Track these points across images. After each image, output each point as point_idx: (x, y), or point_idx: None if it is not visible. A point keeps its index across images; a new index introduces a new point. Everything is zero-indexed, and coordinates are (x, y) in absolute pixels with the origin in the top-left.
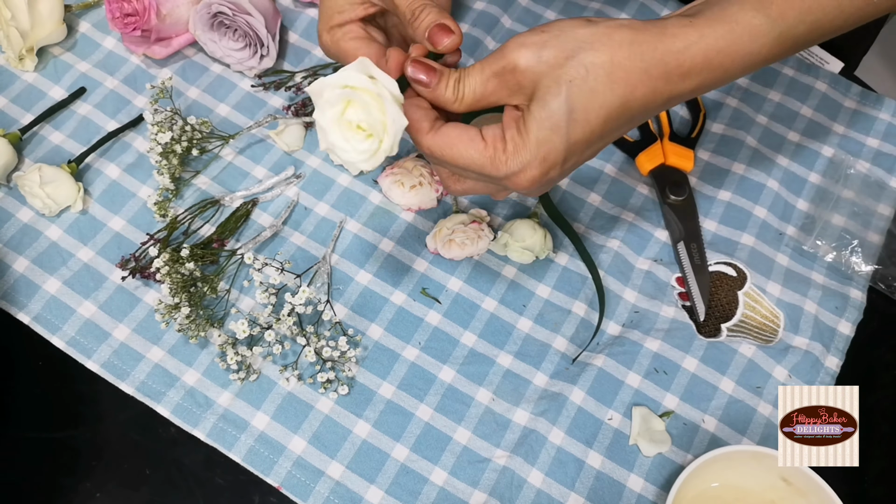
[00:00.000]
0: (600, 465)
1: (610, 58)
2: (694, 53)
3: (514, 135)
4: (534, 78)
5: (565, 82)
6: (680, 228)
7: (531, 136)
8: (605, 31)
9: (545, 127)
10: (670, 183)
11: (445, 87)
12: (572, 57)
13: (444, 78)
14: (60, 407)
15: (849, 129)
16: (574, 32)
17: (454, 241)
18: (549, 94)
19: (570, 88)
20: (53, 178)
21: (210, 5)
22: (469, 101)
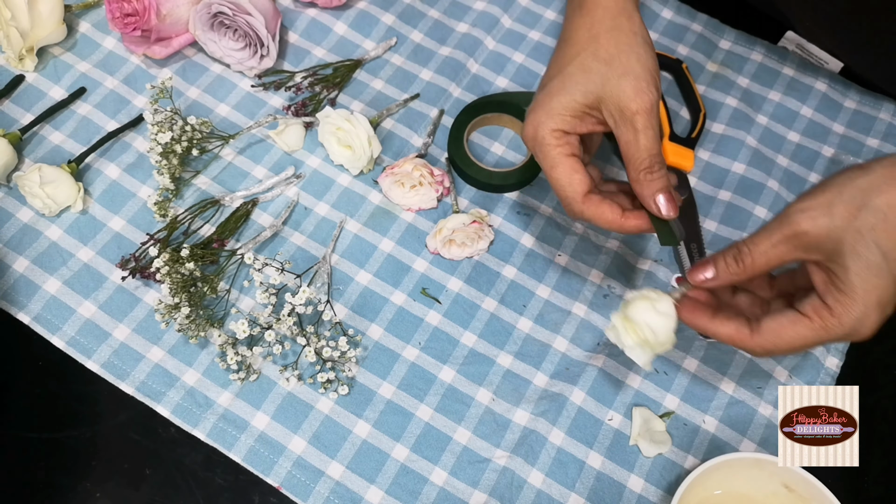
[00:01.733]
0: (601, 465)
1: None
2: None
3: (836, 296)
4: (832, 236)
5: (868, 231)
6: (680, 229)
7: (857, 290)
8: (883, 173)
9: (868, 276)
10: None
11: (727, 267)
12: (864, 206)
13: (721, 262)
14: (60, 407)
15: (849, 129)
16: (855, 184)
17: (454, 241)
18: (859, 245)
19: (875, 234)
20: (53, 178)
21: (210, 5)
22: (758, 268)
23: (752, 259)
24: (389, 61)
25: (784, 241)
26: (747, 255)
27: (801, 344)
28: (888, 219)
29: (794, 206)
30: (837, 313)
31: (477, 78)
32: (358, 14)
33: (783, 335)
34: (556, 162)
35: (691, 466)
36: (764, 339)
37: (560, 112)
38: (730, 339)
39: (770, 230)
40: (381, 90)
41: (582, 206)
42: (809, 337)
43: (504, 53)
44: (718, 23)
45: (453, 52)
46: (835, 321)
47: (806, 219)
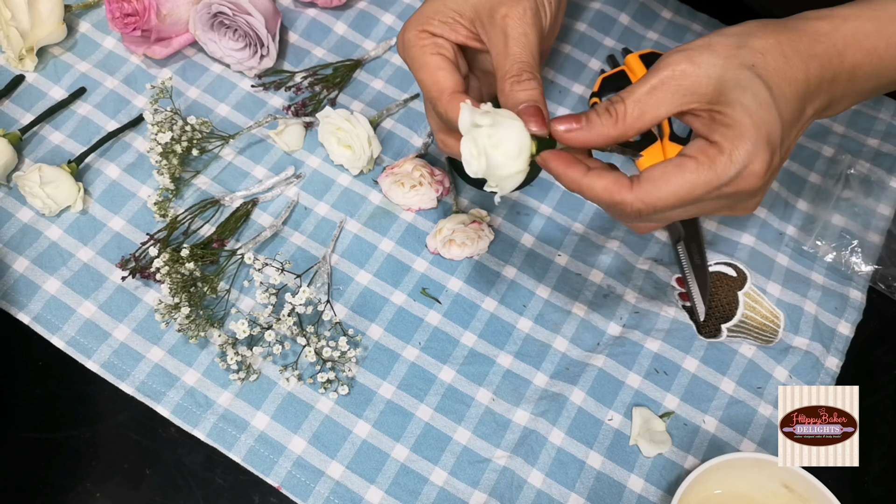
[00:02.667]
0: (601, 465)
1: (775, 41)
2: (843, 33)
3: (723, 132)
4: (712, 74)
5: (748, 67)
6: (680, 228)
7: (745, 122)
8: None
9: (755, 108)
10: None
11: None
12: (742, 46)
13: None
14: (60, 407)
15: (848, 128)
16: (730, 30)
17: (454, 241)
18: (742, 79)
19: (756, 70)
20: (53, 178)
21: (210, 5)
22: (632, 119)
23: (625, 108)
24: (389, 61)
25: (661, 85)
26: (620, 103)
27: (687, 193)
28: (766, 59)
29: (670, 55)
30: (726, 148)
31: None
32: (358, 14)
33: (668, 183)
34: (421, 62)
35: (691, 466)
36: (644, 192)
37: (428, 15)
38: (605, 193)
39: (646, 76)
40: (381, 90)
41: (447, 106)
42: (698, 182)
43: None
44: (718, 23)
45: None
46: (724, 158)
47: (684, 58)
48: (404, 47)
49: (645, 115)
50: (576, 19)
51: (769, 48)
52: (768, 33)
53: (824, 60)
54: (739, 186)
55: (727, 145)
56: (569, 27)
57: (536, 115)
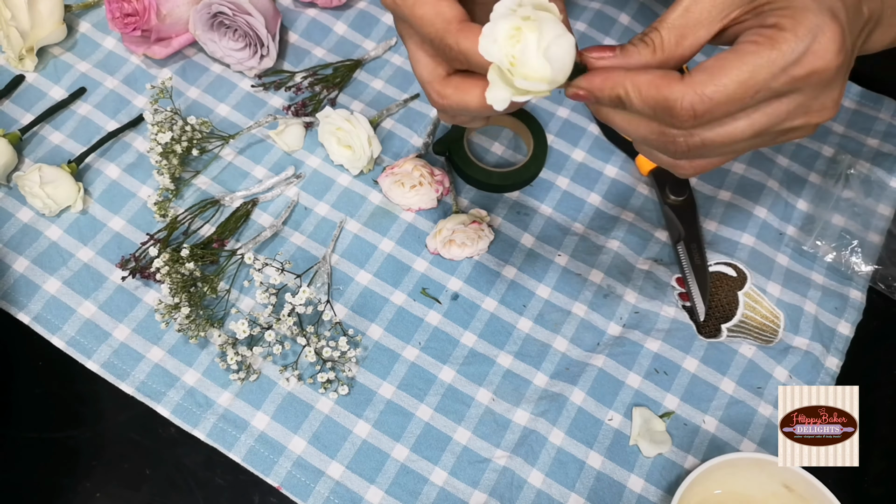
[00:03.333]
0: (601, 465)
1: None
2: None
3: (780, 13)
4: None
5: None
6: (680, 228)
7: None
8: None
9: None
10: (670, 183)
11: (635, 47)
12: None
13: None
14: (60, 407)
15: (849, 129)
16: None
17: (454, 241)
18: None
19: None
20: (53, 178)
21: (210, 5)
22: (670, 47)
23: (661, 36)
24: (390, 61)
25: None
26: (654, 31)
27: (751, 78)
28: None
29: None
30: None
31: None
32: (358, 14)
33: (726, 71)
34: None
35: (691, 466)
36: (699, 82)
37: None
38: (652, 88)
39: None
40: (382, 90)
41: (458, 37)
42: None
43: None
44: None
45: None
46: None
47: None
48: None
49: (684, 41)
50: (576, 19)
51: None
52: None
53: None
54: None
55: (788, 22)
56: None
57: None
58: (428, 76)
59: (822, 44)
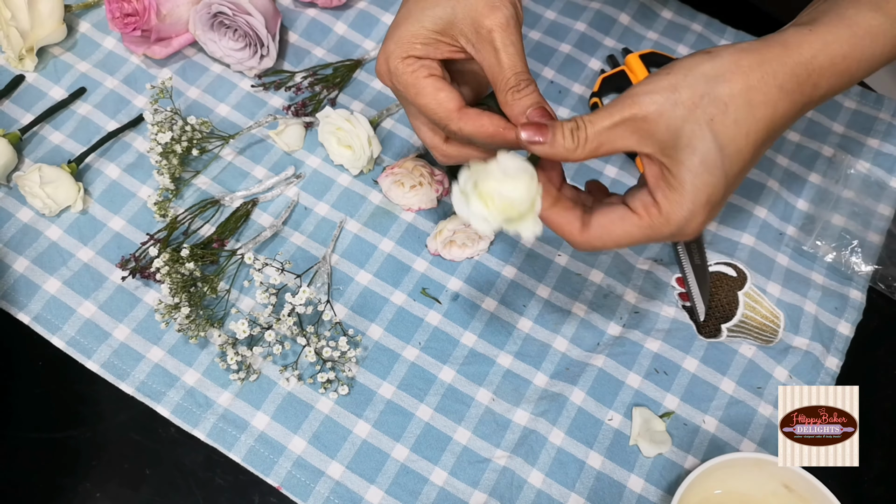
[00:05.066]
0: (600, 465)
1: (744, 85)
2: (821, 62)
3: (665, 193)
4: (671, 124)
5: (706, 122)
6: None
7: (687, 186)
8: (730, 59)
9: (700, 172)
10: None
11: (563, 138)
12: (707, 94)
13: (559, 130)
14: (60, 407)
15: (849, 129)
16: (700, 69)
17: (455, 242)
18: (695, 138)
19: (713, 126)
20: (54, 178)
21: (210, 5)
22: (591, 147)
23: (586, 136)
24: None
25: (623, 123)
26: (583, 129)
27: (627, 241)
28: (728, 110)
29: (639, 87)
30: (665, 211)
31: None
32: (358, 14)
33: (611, 231)
34: (417, 87)
35: (691, 466)
36: (591, 236)
37: (409, 40)
38: (560, 231)
39: (612, 109)
40: (382, 90)
41: (459, 123)
42: (636, 234)
43: None
44: (719, 23)
45: None
46: (662, 219)
47: (649, 102)
48: (393, 76)
49: (602, 147)
50: (576, 19)
51: (735, 95)
52: (739, 75)
53: (796, 96)
54: (675, 238)
55: (666, 207)
56: (569, 27)
57: (544, 115)
58: (431, 142)
59: (688, 228)
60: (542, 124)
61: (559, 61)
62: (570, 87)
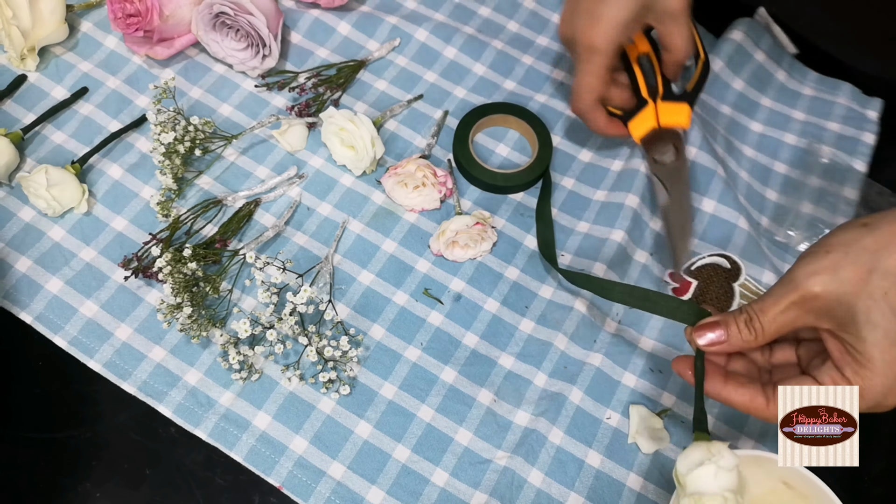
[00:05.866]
0: (600, 464)
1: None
2: None
3: (855, 369)
4: (843, 301)
5: (881, 296)
6: (667, 191)
7: (877, 363)
8: (889, 231)
9: (887, 347)
10: (660, 143)
11: (739, 332)
12: (874, 270)
13: (733, 324)
14: (61, 407)
15: (809, 115)
16: (860, 244)
17: (458, 242)
18: (873, 313)
19: (889, 300)
20: (60, 180)
21: (212, 6)
22: (770, 334)
23: (761, 326)
24: (394, 62)
25: (794, 307)
26: (756, 320)
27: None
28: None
29: (800, 270)
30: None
31: (483, 80)
32: (361, 15)
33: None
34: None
35: None
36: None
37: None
38: (744, 408)
39: (777, 295)
40: (385, 91)
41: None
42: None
43: (512, 55)
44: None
45: (458, 55)
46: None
47: (815, 283)
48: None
49: (781, 331)
50: None
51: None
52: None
53: None
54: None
55: (860, 384)
56: None
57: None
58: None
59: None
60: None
61: (568, 62)
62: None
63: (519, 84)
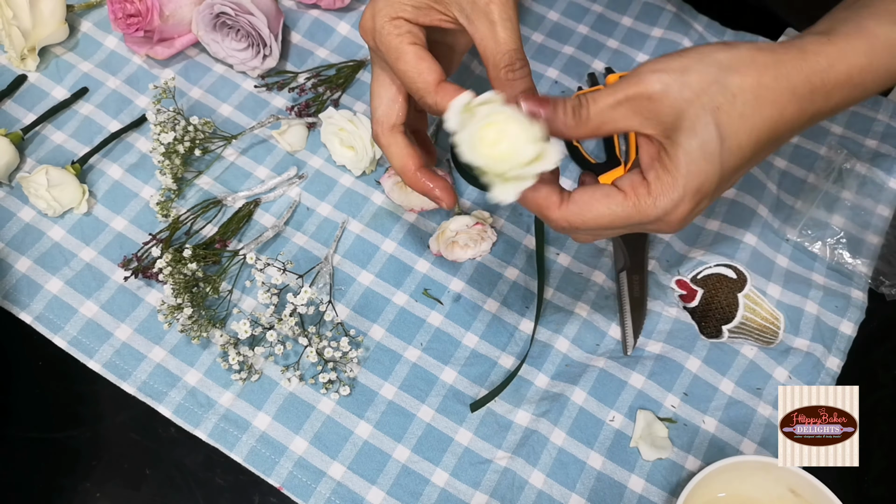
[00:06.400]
0: (601, 466)
1: (757, 80)
2: (838, 72)
3: (658, 174)
4: (676, 106)
5: (712, 109)
6: (626, 257)
7: (681, 170)
8: (747, 53)
9: (697, 158)
10: None
11: (564, 114)
12: (717, 82)
13: (560, 105)
14: (61, 407)
15: (847, 129)
16: (715, 56)
17: (457, 243)
18: (699, 123)
19: (718, 115)
20: (60, 180)
21: (212, 6)
22: (593, 126)
23: (587, 113)
24: None
25: (627, 102)
26: (585, 107)
27: (608, 221)
28: (736, 102)
29: (647, 66)
30: (654, 192)
31: (481, 79)
32: (361, 15)
33: (592, 208)
34: (400, 51)
35: (692, 467)
36: (569, 211)
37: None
38: (536, 205)
39: (616, 88)
40: None
41: (436, 97)
42: (618, 213)
43: None
44: (719, 25)
45: None
46: (649, 200)
47: (656, 81)
48: (377, 35)
49: (604, 126)
50: (578, 21)
51: (745, 90)
52: (753, 70)
53: (806, 104)
54: (658, 227)
55: (656, 188)
56: (572, 29)
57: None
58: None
59: (673, 216)
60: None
61: (563, 62)
62: (573, 88)
63: None
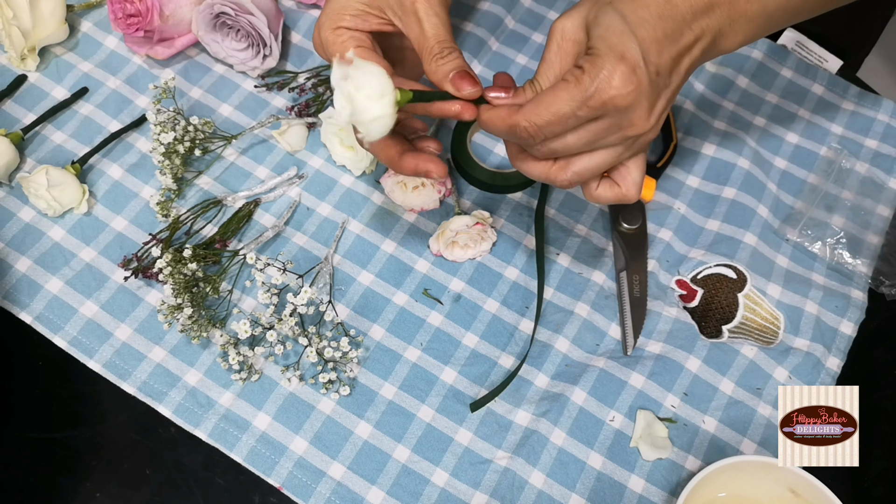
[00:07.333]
0: (601, 465)
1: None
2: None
3: (586, 58)
4: (578, 22)
5: (607, 4)
6: (626, 257)
7: (601, 49)
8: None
9: (609, 35)
10: (624, 211)
11: (523, 92)
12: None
13: (520, 89)
14: (61, 407)
15: (847, 129)
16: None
17: (457, 242)
18: (600, 16)
19: (614, 4)
20: (61, 181)
21: (212, 6)
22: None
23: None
24: None
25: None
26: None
27: (564, 108)
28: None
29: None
30: (588, 70)
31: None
32: None
33: (547, 103)
34: None
35: (692, 467)
36: (529, 111)
37: (338, 12)
38: (500, 120)
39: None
40: None
41: (400, 168)
42: (567, 98)
43: (507, 55)
44: None
45: None
46: (586, 77)
47: (565, 17)
48: (323, 46)
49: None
50: None
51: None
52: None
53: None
54: (603, 97)
55: (588, 67)
56: None
57: (466, 78)
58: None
59: (610, 81)
60: (505, 86)
61: None
62: None
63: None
